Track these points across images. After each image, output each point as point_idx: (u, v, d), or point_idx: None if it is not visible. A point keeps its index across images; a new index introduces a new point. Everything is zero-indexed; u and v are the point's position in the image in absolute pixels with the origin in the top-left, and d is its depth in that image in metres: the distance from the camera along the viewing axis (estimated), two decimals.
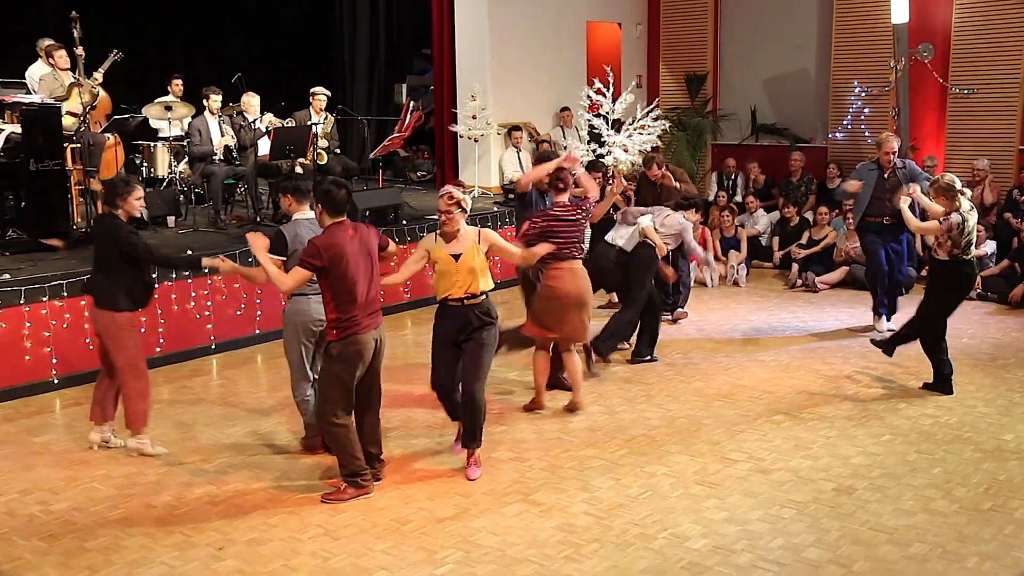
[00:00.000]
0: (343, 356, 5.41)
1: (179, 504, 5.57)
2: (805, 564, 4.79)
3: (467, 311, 5.82)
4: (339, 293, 5.35)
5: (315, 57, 15.35)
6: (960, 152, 12.14)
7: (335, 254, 5.29)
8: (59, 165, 8.78)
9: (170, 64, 11.43)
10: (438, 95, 13.85)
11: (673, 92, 14.57)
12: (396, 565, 4.81)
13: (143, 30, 12.84)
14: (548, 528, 5.21)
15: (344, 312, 5.36)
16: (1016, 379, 7.73)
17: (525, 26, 13.17)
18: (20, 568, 4.85)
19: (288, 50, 15.02)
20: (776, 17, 13.80)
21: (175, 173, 10.65)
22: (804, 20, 13.55)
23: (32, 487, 5.82)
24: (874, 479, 5.81)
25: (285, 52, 14.91)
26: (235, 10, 14.71)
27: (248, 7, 14.88)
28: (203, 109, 10.43)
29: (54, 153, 8.74)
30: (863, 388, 7.55)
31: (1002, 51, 11.80)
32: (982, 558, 4.84)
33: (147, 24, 13.18)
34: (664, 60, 14.80)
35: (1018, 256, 10.35)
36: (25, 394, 7.41)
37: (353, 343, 5.40)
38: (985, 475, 5.86)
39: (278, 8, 15.21)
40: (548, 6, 13.43)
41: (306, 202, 6.12)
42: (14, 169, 8.73)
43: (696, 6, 14.37)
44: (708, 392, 7.48)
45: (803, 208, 12.27)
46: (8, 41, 11.01)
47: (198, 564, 4.86)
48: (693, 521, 5.27)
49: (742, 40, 14.22)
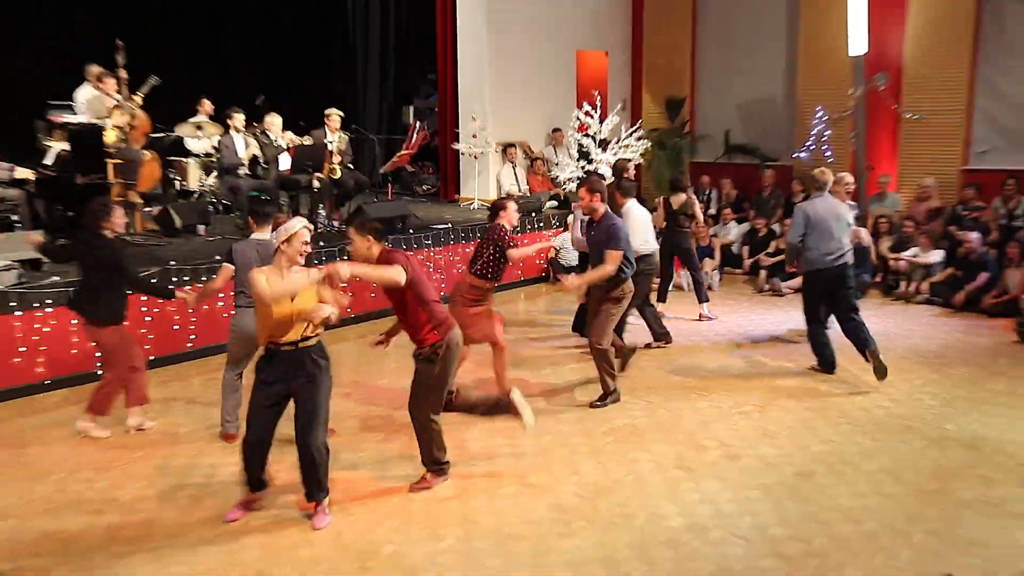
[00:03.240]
0: (447, 356, 5.31)
1: (209, 483, 5.61)
2: (770, 540, 4.84)
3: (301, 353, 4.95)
4: (425, 297, 5.26)
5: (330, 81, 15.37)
6: (911, 171, 12.19)
7: (409, 263, 5.21)
8: (102, 178, 8.81)
9: (201, 87, 11.44)
10: (442, 116, 13.88)
11: (654, 115, 14.59)
12: (402, 540, 4.85)
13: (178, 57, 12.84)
14: (541, 508, 5.24)
15: (435, 313, 5.29)
16: (959, 375, 7.78)
17: (521, 54, 13.20)
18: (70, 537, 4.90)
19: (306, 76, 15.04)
20: (747, 48, 13.85)
21: (205, 186, 10.68)
22: (773, 51, 13.60)
23: (79, 467, 5.87)
24: (832, 464, 5.85)
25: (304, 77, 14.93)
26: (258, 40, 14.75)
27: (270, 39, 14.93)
28: (228, 128, 10.47)
29: (98, 168, 8.78)
30: (823, 383, 7.59)
31: (948, 81, 11.86)
32: (927, 534, 4.88)
33: (181, 52, 13.17)
34: (646, 86, 14.84)
35: (961, 264, 10.40)
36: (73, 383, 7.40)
37: (454, 339, 5.33)
38: (930, 461, 5.91)
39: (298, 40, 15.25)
40: (542, 36, 13.46)
41: (266, 225, 6.14)
42: (63, 182, 8.77)
43: (675, 38, 14.42)
44: (685, 386, 7.52)
45: (771, 220, 12.33)
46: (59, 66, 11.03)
47: (227, 536, 4.90)
48: (671, 502, 5.31)
49: (717, 69, 14.28)
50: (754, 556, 4.68)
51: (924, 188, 11.65)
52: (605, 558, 4.66)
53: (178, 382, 7.70)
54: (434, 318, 5.29)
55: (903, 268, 10.82)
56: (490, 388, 6.92)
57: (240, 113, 10.50)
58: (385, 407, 6.98)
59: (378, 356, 7.13)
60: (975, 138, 11.89)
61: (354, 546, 4.80)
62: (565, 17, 13.76)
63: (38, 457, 6.07)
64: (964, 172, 11.84)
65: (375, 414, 6.86)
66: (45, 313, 7.30)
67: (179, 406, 7.08)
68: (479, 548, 4.78)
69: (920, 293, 10.56)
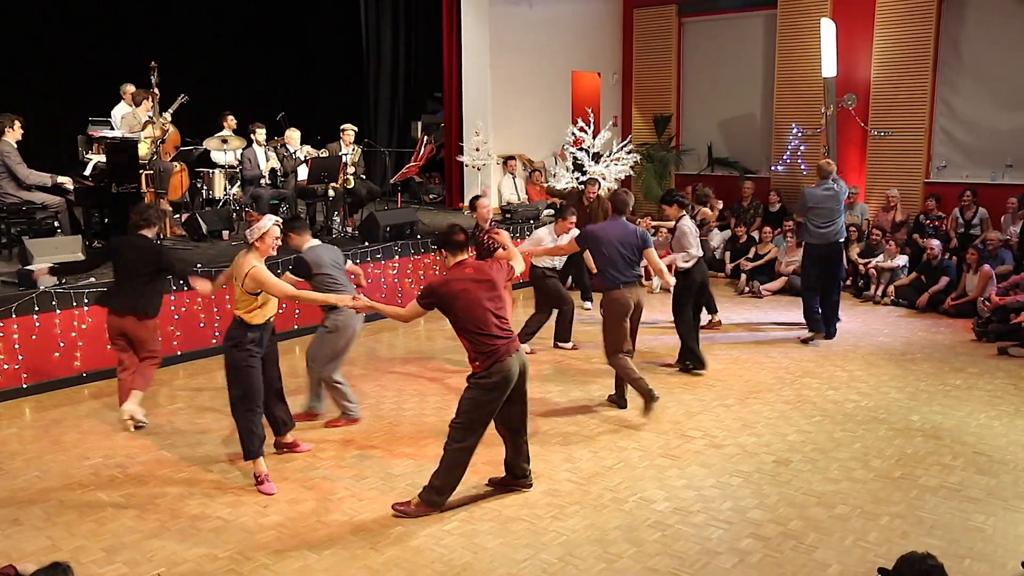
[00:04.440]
0: (487, 385, 4.75)
1: (231, 469, 5.59)
2: (749, 523, 4.82)
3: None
4: (464, 326, 4.78)
5: (345, 98, 15.34)
6: (877, 183, 12.18)
7: (448, 292, 4.78)
8: (136, 188, 8.79)
9: (226, 104, 11.42)
10: (448, 131, 13.85)
11: (643, 130, 14.57)
12: (410, 522, 4.83)
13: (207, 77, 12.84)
14: (537, 492, 5.22)
15: (480, 343, 4.74)
16: (922, 370, 7.76)
17: (521, 74, 13.17)
18: (104, 517, 4.88)
19: (323, 93, 15.02)
20: (729, 70, 13.84)
21: (229, 195, 10.66)
22: (751, 72, 13.59)
23: (113, 453, 5.85)
24: (806, 453, 5.84)
25: (321, 94, 14.91)
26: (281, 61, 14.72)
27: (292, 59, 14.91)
28: (251, 142, 10.46)
29: (132, 178, 8.76)
30: (798, 378, 7.57)
31: (911, 101, 11.85)
32: (892, 517, 4.88)
33: (210, 73, 13.17)
34: (636, 103, 14.82)
35: (924, 269, 10.38)
36: (107, 376, 7.34)
37: (498, 371, 4.74)
38: (896, 449, 5.90)
39: (315, 59, 15.23)
40: (540, 58, 13.44)
41: (307, 233, 6.13)
42: (100, 192, 8.75)
43: (662, 59, 14.40)
44: (671, 381, 7.49)
45: (751, 228, 12.31)
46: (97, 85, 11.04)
47: (247, 519, 4.89)
48: (657, 487, 5.29)
49: (701, 88, 14.26)
50: (735, 537, 4.66)
51: (890, 198, 11.67)
52: (597, 539, 4.64)
53: (204, 375, 7.68)
54: (479, 348, 4.77)
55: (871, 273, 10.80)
56: None
57: (262, 128, 10.51)
58: (393, 394, 6.96)
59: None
60: (935, 153, 11.89)
61: (365, 527, 4.78)
62: (561, 41, 13.74)
63: (75, 444, 6.05)
64: (926, 184, 11.84)
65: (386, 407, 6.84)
66: (82, 311, 7.28)
67: (205, 396, 7.06)
68: (480, 530, 4.76)
69: (887, 296, 10.54)
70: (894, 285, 10.55)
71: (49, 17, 11.98)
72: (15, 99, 10.08)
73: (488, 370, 4.74)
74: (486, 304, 4.78)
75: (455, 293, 4.77)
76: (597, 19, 14.43)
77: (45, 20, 11.95)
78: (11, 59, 11.54)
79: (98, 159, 9.05)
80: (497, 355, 4.75)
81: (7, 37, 11.56)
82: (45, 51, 11.94)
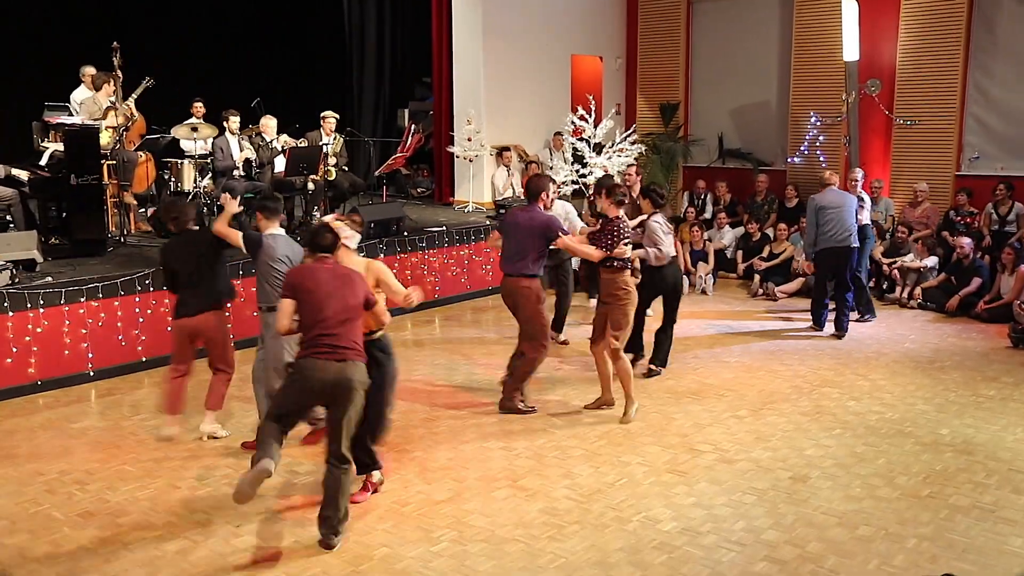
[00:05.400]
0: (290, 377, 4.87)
1: (201, 486, 5.56)
2: (764, 544, 4.81)
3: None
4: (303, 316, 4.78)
5: (326, 83, 15.32)
6: (903, 176, 12.19)
7: (298, 283, 4.79)
8: (97, 180, 8.73)
9: (195, 89, 11.39)
10: (437, 119, 13.84)
11: (648, 119, 14.57)
12: (396, 543, 4.82)
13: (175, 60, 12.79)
14: (533, 511, 5.21)
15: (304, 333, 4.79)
16: (951, 380, 7.76)
17: (516, 58, 13.17)
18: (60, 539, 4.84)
19: (302, 77, 15.00)
20: (741, 53, 13.84)
21: (199, 187, 10.61)
22: (766, 56, 13.59)
23: (70, 468, 5.81)
24: (826, 468, 5.83)
25: (299, 79, 14.88)
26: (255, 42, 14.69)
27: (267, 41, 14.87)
28: (223, 130, 10.43)
29: (93, 169, 8.71)
30: (816, 387, 7.57)
31: (940, 86, 11.85)
32: (920, 539, 4.87)
33: (176, 53, 13.12)
34: (640, 90, 14.82)
35: (954, 270, 10.39)
36: (65, 384, 7.42)
37: (303, 366, 4.72)
38: (924, 465, 5.89)
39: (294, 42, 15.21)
40: (537, 40, 13.43)
41: (275, 219, 6.06)
42: (57, 183, 8.70)
43: (670, 42, 14.40)
44: (678, 390, 7.49)
45: (765, 225, 12.31)
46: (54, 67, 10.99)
47: (217, 540, 4.86)
48: (664, 505, 5.28)
49: (710, 73, 14.26)
50: (748, 560, 4.64)
51: (918, 193, 11.63)
52: (598, 561, 4.62)
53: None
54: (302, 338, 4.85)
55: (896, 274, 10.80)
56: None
57: (236, 115, 10.46)
58: None
59: None
60: (967, 144, 11.89)
61: (347, 549, 4.75)
62: (560, 22, 13.74)
63: (29, 458, 6.01)
64: (957, 177, 11.84)
65: None
66: (37, 314, 7.25)
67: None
68: (472, 551, 4.74)
69: (913, 298, 10.55)
70: (921, 287, 10.55)
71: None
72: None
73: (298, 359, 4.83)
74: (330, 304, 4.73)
75: (303, 285, 4.84)
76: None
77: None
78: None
79: (55, 148, 9.01)
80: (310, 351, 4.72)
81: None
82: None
